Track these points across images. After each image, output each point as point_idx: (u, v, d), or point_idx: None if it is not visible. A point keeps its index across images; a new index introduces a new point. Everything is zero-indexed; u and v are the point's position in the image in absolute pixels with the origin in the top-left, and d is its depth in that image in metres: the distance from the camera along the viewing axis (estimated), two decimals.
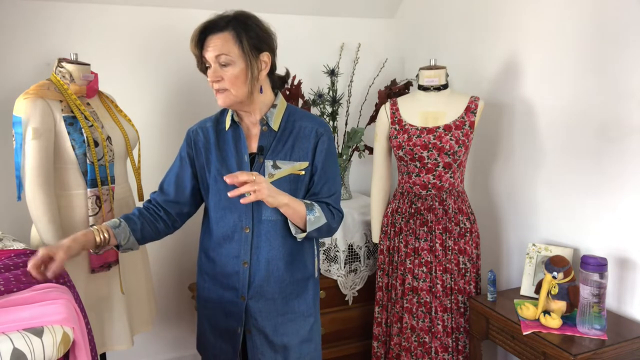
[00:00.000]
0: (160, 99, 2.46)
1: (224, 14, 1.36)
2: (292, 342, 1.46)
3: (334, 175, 1.47)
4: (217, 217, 1.45)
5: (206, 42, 1.34)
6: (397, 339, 2.12)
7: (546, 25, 1.97)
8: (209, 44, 1.34)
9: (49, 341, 1.00)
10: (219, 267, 1.46)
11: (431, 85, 2.05)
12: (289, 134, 1.43)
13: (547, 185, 2.02)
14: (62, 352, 1.04)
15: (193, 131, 1.51)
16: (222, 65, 1.34)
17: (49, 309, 1.08)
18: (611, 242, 1.78)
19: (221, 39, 1.33)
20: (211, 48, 1.33)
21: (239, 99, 1.37)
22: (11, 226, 2.05)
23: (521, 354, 1.72)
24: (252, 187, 1.24)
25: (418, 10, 2.74)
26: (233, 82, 1.34)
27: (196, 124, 1.53)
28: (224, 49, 1.32)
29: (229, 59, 1.33)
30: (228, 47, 1.32)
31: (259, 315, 1.43)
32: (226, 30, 1.33)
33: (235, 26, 1.34)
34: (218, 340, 1.50)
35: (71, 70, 1.84)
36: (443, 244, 2.02)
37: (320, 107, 2.50)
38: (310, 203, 1.40)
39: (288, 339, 1.46)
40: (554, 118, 1.97)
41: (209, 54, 1.34)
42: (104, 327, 1.88)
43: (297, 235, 1.40)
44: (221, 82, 1.35)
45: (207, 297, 1.51)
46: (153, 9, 2.38)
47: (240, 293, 1.43)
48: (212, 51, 1.33)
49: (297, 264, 1.46)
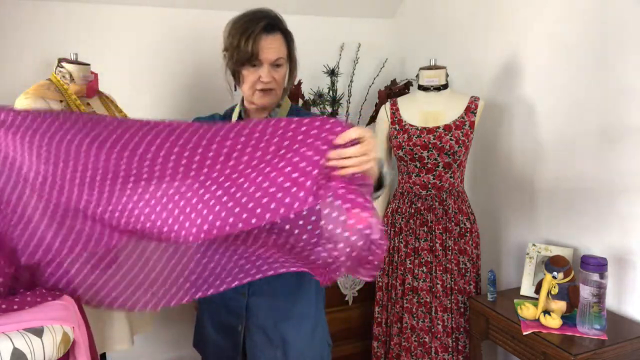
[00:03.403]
0: (160, 98, 2.46)
1: (265, 12, 1.34)
2: (292, 340, 1.45)
3: None
4: None
5: (260, 42, 1.31)
6: (397, 339, 2.12)
7: (546, 25, 1.97)
8: (265, 44, 1.31)
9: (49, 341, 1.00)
10: None
11: (431, 85, 2.05)
12: None
13: (547, 185, 2.02)
14: (62, 352, 1.04)
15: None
16: (276, 66, 1.34)
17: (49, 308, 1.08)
18: (611, 242, 1.78)
19: (278, 40, 1.33)
20: (271, 50, 1.32)
21: (279, 99, 1.40)
22: None
23: (521, 354, 1.72)
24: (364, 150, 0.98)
25: (418, 10, 2.74)
26: (280, 83, 1.37)
27: (205, 116, 1.52)
28: (281, 51, 1.34)
29: (282, 61, 1.35)
30: (283, 49, 1.34)
31: (260, 313, 1.43)
32: (278, 31, 1.34)
33: (282, 27, 1.35)
34: (219, 336, 1.50)
35: (71, 70, 1.84)
36: (443, 244, 2.02)
37: (320, 107, 2.50)
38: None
39: (288, 337, 1.45)
40: (554, 118, 1.97)
41: (267, 55, 1.31)
42: (104, 327, 1.88)
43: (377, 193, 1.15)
44: (272, 83, 1.35)
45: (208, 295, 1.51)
46: (153, 9, 2.38)
47: (240, 290, 1.43)
48: (272, 53, 1.32)
49: None
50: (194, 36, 2.45)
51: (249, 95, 1.38)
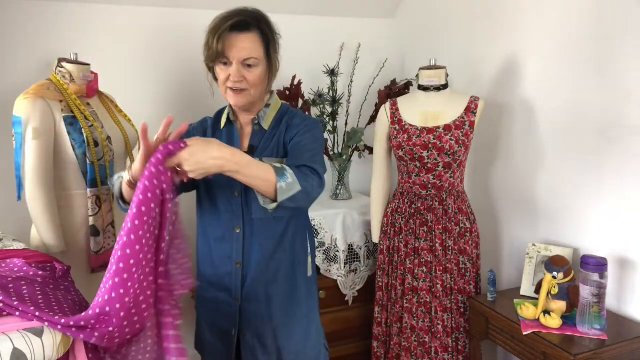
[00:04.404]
0: (160, 98, 2.46)
1: (244, 11, 1.32)
2: (286, 345, 1.45)
3: (313, 147, 1.37)
4: (209, 217, 1.44)
5: (230, 40, 1.29)
6: (397, 339, 2.12)
7: (546, 25, 1.97)
8: (234, 42, 1.29)
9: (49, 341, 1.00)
10: (213, 268, 1.45)
11: (431, 85, 2.05)
12: (277, 132, 1.42)
13: (547, 185, 2.02)
14: (62, 352, 1.04)
15: (194, 128, 1.50)
16: (247, 66, 1.31)
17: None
18: (611, 242, 1.78)
19: (250, 39, 1.30)
20: (239, 49, 1.29)
21: (255, 100, 1.37)
22: (11, 226, 2.05)
23: (521, 354, 1.72)
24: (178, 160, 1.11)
25: (418, 10, 2.74)
26: (255, 84, 1.33)
27: (197, 122, 1.53)
28: (254, 51, 1.30)
29: (256, 61, 1.31)
30: (256, 48, 1.30)
31: (253, 318, 1.42)
32: (253, 30, 1.31)
33: (260, 26, 1.32)
34: (215, 340, 1.50)
35: (71, 70, 1.84)
36: (443, 244, 2.02)
37: (320, 107, 2.50)
38: (282, 167, 1.22)
39: (282, 342, 1.44)
40: (554, 118, 1.97)
41: (235, 53, 1.29)
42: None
43: (267, 206, 1.22)
44: (242, 82, 1.32)
45: (203, 298, 1.51)
46: (153, 9, 2.38)
47: (233, 294, 1.42)
48: (240, 52, 1.29)
49: (288, 264, 1.44)
50: (194, 36, 2.44)
51: (223, 93, 1.37)
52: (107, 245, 1.86)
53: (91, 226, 1.82)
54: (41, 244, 1.76)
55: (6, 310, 1.02)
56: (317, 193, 1.30)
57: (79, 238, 1.83)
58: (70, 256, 1.79)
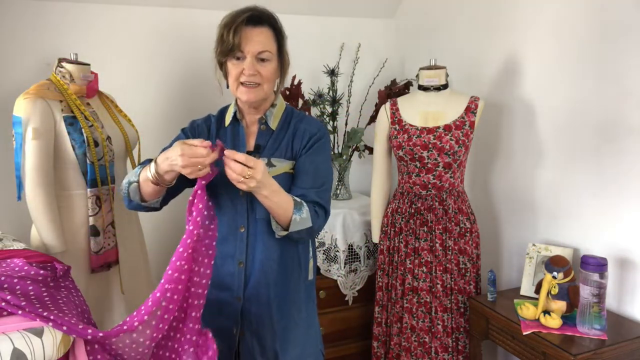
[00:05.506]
0: (160, 98, 2.46)
1: (255, 8, 1.33)
2: (285, 348, 1.44)
3: (325, 173, 1.43)
4: None
5: (245, 32, 1.30)
6: (397, 339, 2.12)
7: (546, 26, 1.97)
8: (250, 36, 1.30)
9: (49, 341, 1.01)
10: (215, 268, 1.45)
11: (431, 85, 2.05)
12: (285, 134, 1.42)
13: (547, 185, 2.02)
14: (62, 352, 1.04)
15: (198, 124, 1.48)
16: (261, 60, 1.32)
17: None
18: (611, 242, 1.78)
19: (264, 33, 1.32)
20: (255, 42, 1.30)
21: (266, 96, 1.38)
22: (11, 226, 2.05)
23: (521, 354, 1.72)
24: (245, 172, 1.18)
25: (418, 10, 2.74)
26: (268, 79, 1.34)
27: (200, 118, 1.51)
28: (268, 45, 1.32)
29: (269, 55, 1.33)
30: (269, 43, 1.33)
31: (254, 319, 1.42)
32: (266, 25, 1.33)
33: (272, 22, 1.34)
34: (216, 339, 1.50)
35: (71, 70, 1.84)
36: (443, 244, 2.02)
37: (320, 107, 2.50)
38: (300, 202, 1.33)
39: (280, 345, 1.44)
40: (553, 118, 1.97)
41: (250, 47, 1.30)
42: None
43: (278, 232, 1.34)
44: (256, 76, 1.33)
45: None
46: (154, 9, 2.38)
47: (235, 294, 1.42)
48: (256, 45, 1.30)
49: (291, 267, 1.44)
50: (194, 36, 2.46)
51: (234, 90, 1.36)
52: (107, 245, 1.86)
53: (91, 226, 1.82)
54: (41, 244, 1.76)
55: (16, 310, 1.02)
56: (321, 229, 1.42)
57: (79, 238, 1.83)
58: (70, 256, 1.79)
